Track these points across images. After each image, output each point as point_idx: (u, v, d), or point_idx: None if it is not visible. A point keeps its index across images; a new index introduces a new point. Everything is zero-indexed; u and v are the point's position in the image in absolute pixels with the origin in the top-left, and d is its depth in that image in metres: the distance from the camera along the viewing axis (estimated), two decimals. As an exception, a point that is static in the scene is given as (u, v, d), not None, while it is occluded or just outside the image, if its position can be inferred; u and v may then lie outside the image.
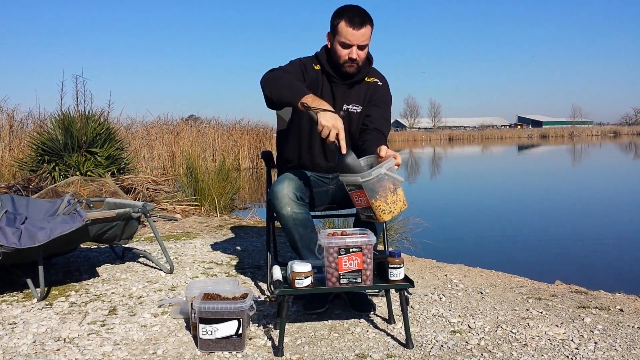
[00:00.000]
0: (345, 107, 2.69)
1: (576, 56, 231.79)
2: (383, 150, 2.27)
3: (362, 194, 2.16)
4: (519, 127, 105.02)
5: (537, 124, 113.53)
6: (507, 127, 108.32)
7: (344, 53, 2.56)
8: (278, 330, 2.17)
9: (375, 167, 2.14)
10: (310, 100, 2.29)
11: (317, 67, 2.69)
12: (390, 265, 2.18)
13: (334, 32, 2.59)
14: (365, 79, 2.72)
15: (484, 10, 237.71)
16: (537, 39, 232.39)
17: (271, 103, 2.49)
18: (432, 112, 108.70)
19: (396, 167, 2.21)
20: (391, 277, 2.19)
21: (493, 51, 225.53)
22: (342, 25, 2.52)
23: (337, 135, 2.23)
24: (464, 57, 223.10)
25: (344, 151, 2.23)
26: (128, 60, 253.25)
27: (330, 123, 2.22)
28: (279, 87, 2.42)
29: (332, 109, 2.28)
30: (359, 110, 2.71)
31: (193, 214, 6.17)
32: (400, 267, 2.18)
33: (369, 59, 2.73)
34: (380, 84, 2.75)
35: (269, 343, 2.25)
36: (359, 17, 2.51)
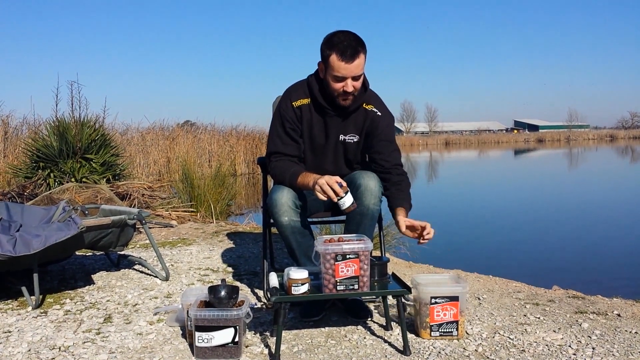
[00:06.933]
0: (341, 137, 2.64)
1: (573, 60, 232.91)
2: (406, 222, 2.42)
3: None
4: (515, 131, 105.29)
5: (533, 128, 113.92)
6: (504, 131, 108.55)
7: (337, 86, 2.44)
8: (275, 338, 2.16)
9: None
10: (300, 183, 2.45)
11: (306, 101, 2.59)
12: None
13: (325, 64, 2.46)
14: (363, 105, 2.62)
15: (480, 14, 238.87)
16: (533, 43, 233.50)
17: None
18: (428, 116, 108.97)
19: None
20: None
21: (489, 55, 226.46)
22: (334, 59, 2.38)
23: (330, 187, 2.27)
24: (460, 62, 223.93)
25: (340, 194, 2.26)
26: (123, 65, 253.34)
27: (320, 187, 2.28)
28: (281, 179, 2.56)
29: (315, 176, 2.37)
30: (355, 140, 2.65)
31: (189, 220, 6.15)
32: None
33: (364, 84, 2.58)
34: (380, 113, 2.63)
35: (266, 351, 2.23)
36: (351, 49, 2.37)
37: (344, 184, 2.29)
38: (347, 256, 2.10)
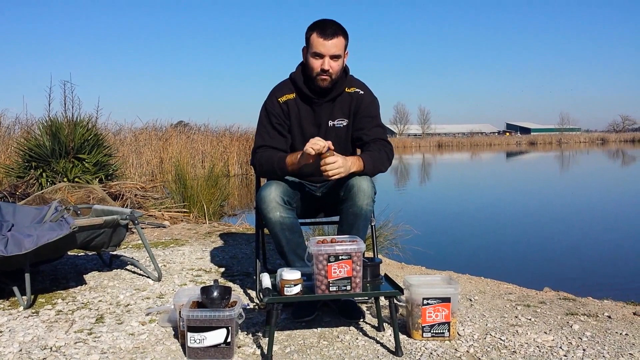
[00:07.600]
0: (330, 123, 2.70)
1: (564, 63, 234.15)
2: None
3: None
4: (507, 134, 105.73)
5: (525, 131, 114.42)
6: (496, 134, 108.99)
7: (316, 65, 2.57)
8: (267, 339, 2.16)
9: None
10: (289, 162, 2.53)
11: (291, 95, 2.70)
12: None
13: (307, 44, 2.62)
14: (346, 90, 2.72)
15: (473, 17, 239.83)
16: (526, 46, 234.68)
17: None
18: (421, 118, 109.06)
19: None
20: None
21: (482, 58, 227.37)
22: (314, 37, 2.56)
23: (318, 149, 2.36)
24: (453, 64, 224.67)
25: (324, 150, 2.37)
26: (117, 65, 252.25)
27: (307, 153, 2.36)
28: (268, 167, 2.63)
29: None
30: (345, 124, 2.72)
31: (182, 220, 6.14)
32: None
33: (344, 70, 2.71)
34: (362, 92, 2.74)
35: (258, 351, 2.24)
36: (331, 29, 2.55)
37: (332, 147, 2.41)
38: (340, 257, 2.11)
